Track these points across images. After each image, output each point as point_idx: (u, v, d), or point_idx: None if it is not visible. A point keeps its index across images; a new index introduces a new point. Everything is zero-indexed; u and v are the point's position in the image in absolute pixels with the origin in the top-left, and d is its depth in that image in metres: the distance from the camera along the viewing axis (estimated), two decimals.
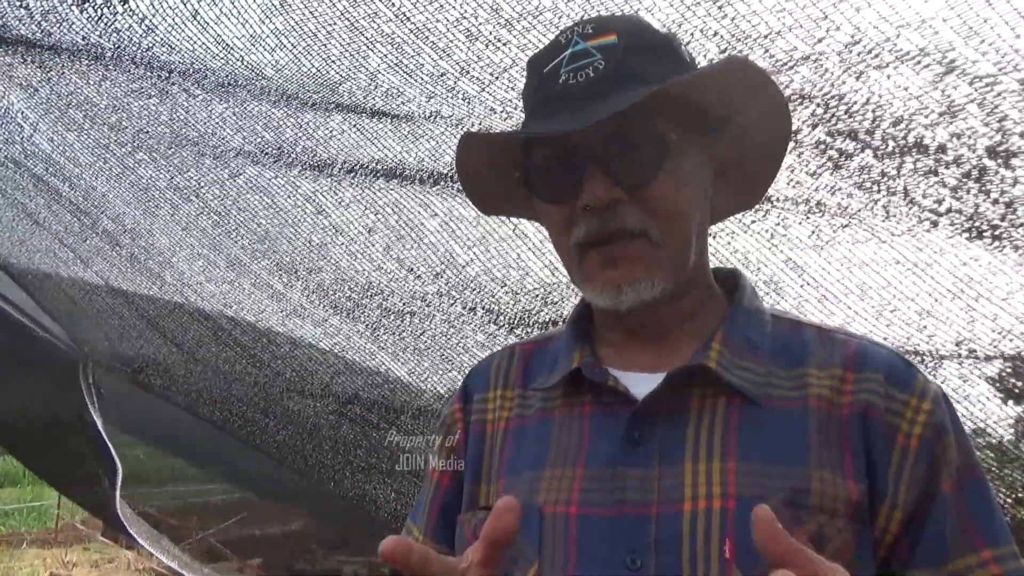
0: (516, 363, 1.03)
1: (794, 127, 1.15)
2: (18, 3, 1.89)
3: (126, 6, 1.74)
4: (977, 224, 1.58)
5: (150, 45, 1.81)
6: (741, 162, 0.95)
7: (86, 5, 1.78)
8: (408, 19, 1.50)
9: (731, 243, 1.84)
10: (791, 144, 1.04)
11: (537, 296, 2.18)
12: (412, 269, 2.22)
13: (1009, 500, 1.84)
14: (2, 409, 3.01)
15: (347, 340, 2.42)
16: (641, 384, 0.89)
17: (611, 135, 0.85)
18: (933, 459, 0.84)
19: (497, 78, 1.51)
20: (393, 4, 1.49)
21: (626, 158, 0.86)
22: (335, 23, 1.56)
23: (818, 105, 1.26)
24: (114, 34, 1.82)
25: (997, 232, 1.60)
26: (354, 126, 2.00)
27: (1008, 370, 1.77)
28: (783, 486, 0.82)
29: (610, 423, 0.89)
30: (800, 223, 1.86)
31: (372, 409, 2.61)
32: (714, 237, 1.80)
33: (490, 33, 1.44)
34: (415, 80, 1.58)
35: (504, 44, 1.44)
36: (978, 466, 0.87)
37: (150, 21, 1.75)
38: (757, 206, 1.13)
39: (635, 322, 0.93)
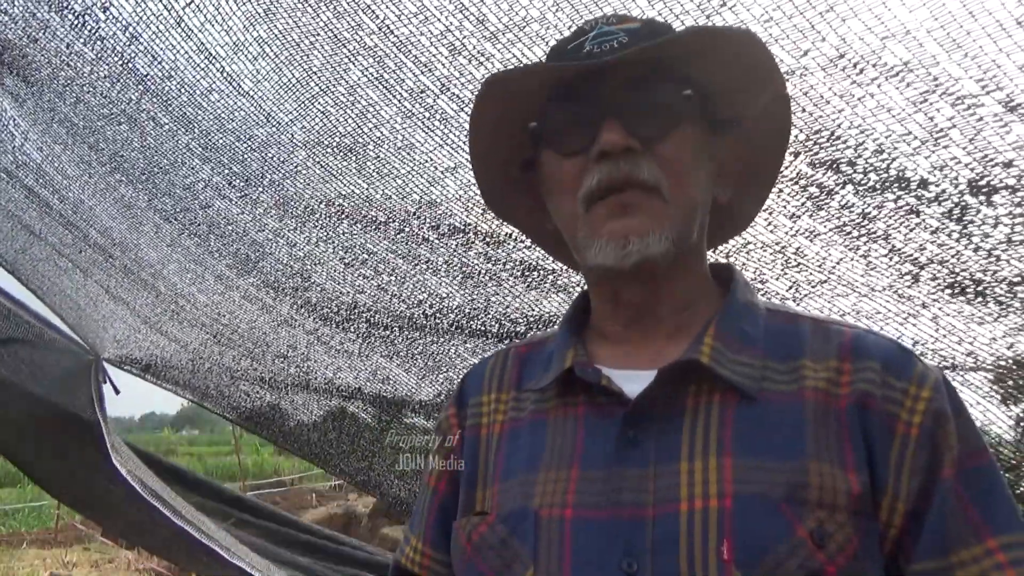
0: (510, 365, 1.02)
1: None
2: None
3: (108, 13, 1.72)
4: (959, 278, 1.55)
5: (132, 55, 1.79)
6: (740, 167, 0.97)
7: (64, 11, 1.77)
8: (392, 32, 1.49)
9: None
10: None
11: (521, 324, 2.13)
12: (395, 296, 2.17)
13: None
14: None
15: (341, 345, 2.37)
16: (635, 382, 0.87)
17: (629, 88, 0.88)
18: (934, 447, 0.81)
19: None
20: (377, 16, 1.48)
21: (643, 111, 0.88)
22: (318, 34, 1.55)
23: (800, 130, 1.24)
24: (98, 42, 1.80)
25: (980, 288, 1.56)
26: (319, 162, 1.97)
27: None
28: (780, 481, 0.79)
29: (604, 423, 0.87)
30: (777, 278, 1.83)
31: (374, 403, 2.59)
32: None
33: (473, 47, 1.43)
34: (394, 96, 1.56)
35: (487, 59, 1.43)
36: (984, 452, 0.82)
37: (134, 29, 1.73)
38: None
39: (633, 301, 0.91)
